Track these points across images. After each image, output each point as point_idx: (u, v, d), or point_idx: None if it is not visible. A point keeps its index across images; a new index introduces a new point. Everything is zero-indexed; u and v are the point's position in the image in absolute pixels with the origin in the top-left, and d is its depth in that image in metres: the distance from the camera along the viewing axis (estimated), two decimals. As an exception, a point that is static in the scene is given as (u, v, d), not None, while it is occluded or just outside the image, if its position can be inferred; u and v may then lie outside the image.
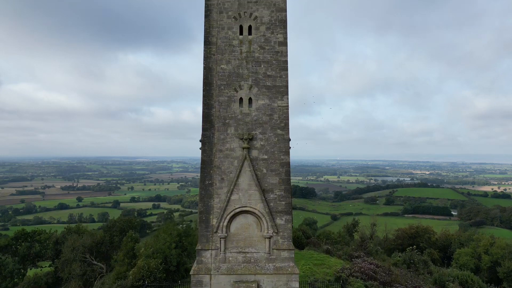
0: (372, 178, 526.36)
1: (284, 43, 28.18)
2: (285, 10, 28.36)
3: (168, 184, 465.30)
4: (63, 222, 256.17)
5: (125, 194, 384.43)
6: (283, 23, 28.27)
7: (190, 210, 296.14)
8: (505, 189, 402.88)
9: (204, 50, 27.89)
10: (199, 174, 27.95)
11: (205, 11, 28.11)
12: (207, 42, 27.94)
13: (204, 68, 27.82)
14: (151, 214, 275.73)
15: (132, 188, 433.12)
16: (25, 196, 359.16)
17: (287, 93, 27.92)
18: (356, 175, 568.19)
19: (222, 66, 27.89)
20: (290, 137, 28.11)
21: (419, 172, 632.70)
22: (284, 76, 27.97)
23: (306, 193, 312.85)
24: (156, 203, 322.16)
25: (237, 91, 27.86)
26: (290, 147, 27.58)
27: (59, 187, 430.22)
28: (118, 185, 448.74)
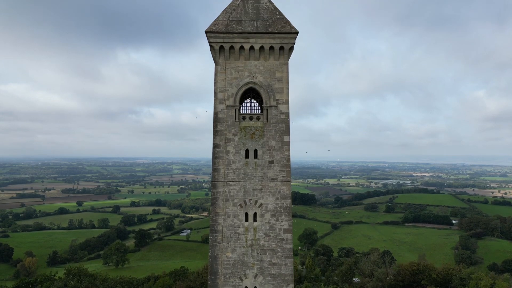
0: (373, 181, 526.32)
1: (289, 230, 28.10)
2: (290, 197, 28.29)
3: (168, 187, 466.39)
4: (63, 228, 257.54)
5: (125, 198, 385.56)
6: (287, 210, 28.20)
7: (190, 216, 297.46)
8: (505, 193, 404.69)
9: (210, 238, 27.86)
10: (198, 176, 28.04)
11: (211, 199, 28.04)
12: (213, 231, 27.90)
13: (210, 257, 27.79)
14: (151, 220, 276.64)
15: (132, 191, 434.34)
16: (26, 199, 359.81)
17: (292, 282, 27.86)
18: (356, 178, 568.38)
19: (228, 254, 27.84)
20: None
21: (419, 174, 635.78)
22: (289, 264, 27.92)
23: (306, 199, 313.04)
24: (156, 207, 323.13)
25: (242, 280, 27.82)
26: None
27: (59, 190, 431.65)
28: (118, 188, 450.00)
